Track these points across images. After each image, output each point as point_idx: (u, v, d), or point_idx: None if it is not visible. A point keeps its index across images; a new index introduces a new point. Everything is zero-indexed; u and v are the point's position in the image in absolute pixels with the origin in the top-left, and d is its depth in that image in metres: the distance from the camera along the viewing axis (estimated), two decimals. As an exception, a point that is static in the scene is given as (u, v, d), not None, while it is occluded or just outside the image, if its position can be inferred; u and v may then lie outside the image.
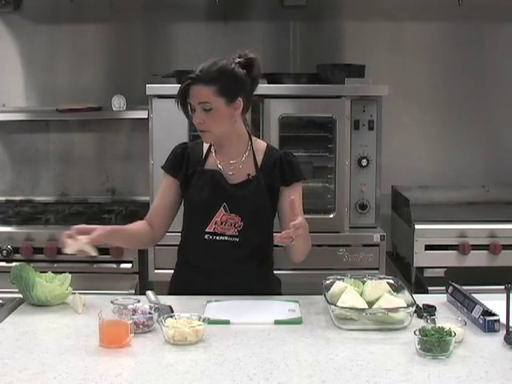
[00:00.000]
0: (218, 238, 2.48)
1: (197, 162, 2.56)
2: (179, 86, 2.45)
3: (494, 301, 2.17)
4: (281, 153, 2.58)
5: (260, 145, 2.59)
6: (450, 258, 3.43)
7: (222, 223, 2.48)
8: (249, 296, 2.37)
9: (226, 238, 2.48)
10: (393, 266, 3.78)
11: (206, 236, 2.49)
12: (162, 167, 2.61)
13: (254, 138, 2.60)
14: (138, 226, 2.58)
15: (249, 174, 2.51)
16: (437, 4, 3.97)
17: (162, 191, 2.60)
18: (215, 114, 2.42)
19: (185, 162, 2.55)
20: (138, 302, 2.22)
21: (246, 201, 2.48)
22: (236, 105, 2.44)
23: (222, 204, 2.48)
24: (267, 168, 2.53)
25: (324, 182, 3.54)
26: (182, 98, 2.45)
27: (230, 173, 2.52)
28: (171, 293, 2.55)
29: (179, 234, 2.62)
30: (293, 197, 2.33)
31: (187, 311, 2.11)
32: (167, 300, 2.30)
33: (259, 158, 2.54)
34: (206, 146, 2.58)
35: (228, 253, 2.49)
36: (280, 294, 2.56)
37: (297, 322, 2.17)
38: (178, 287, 2.57)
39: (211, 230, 2.48)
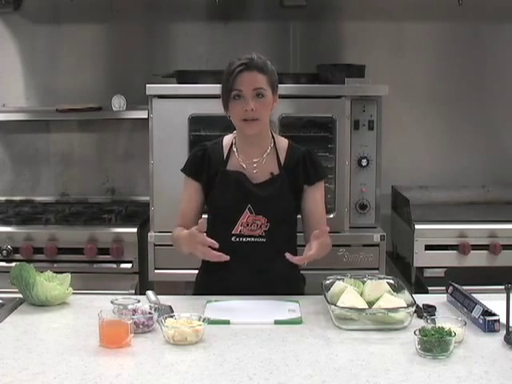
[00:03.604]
0: (244, 239, 2.48)
1: (218, 162, 2.53)
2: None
3: (494, 301, 2.17)
4: (303, 150, 2.56)
5: (282, 142, 2.58)
6: (450, 258, 3.43)
7: (248, 225, 2.47)
8: (249, 296, 2.37)
9: (253, 239, 2.48)
10: (393, 266, 3.78)
11: (233, 238, 2.48)
12: (181, 170, 2.59)
13: (275, 136, 2.60)
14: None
15: (272, 173, 2.51)
16: (437, 4, 3.97)
17: (188, 195, 2.57)
18: (266, 102, 2.43)
19: (206, 164, 2.53)
20: (138, 302, 2.22)
21: (270, 201, 2.48)
22: (276, 98, 2.48)
23: (246, 206, 2.47)
24: (290, 166, 2.53)
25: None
26: (232, 84, 2.39)
27: (255, 171, 2.51)
28: (197, 293, 2.56)
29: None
30: (317, 231, 2.31)
31: (187, 311, 2.11)
32: (167, 300, 2.30)
33: (282, 156, 2.54)
34: (226, 147, 2.56)
35: (255, 253, 2.48)
36: (303, 294, 2.54)
37: (297, 321, 2.17)
38: (205, 288, 2.55)
39: (237, 232, 2.48)
